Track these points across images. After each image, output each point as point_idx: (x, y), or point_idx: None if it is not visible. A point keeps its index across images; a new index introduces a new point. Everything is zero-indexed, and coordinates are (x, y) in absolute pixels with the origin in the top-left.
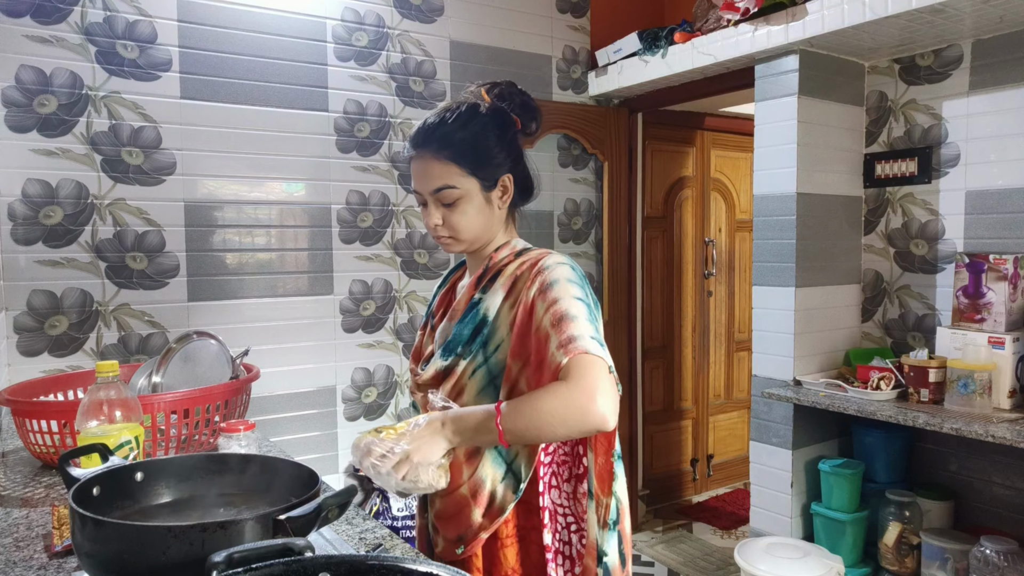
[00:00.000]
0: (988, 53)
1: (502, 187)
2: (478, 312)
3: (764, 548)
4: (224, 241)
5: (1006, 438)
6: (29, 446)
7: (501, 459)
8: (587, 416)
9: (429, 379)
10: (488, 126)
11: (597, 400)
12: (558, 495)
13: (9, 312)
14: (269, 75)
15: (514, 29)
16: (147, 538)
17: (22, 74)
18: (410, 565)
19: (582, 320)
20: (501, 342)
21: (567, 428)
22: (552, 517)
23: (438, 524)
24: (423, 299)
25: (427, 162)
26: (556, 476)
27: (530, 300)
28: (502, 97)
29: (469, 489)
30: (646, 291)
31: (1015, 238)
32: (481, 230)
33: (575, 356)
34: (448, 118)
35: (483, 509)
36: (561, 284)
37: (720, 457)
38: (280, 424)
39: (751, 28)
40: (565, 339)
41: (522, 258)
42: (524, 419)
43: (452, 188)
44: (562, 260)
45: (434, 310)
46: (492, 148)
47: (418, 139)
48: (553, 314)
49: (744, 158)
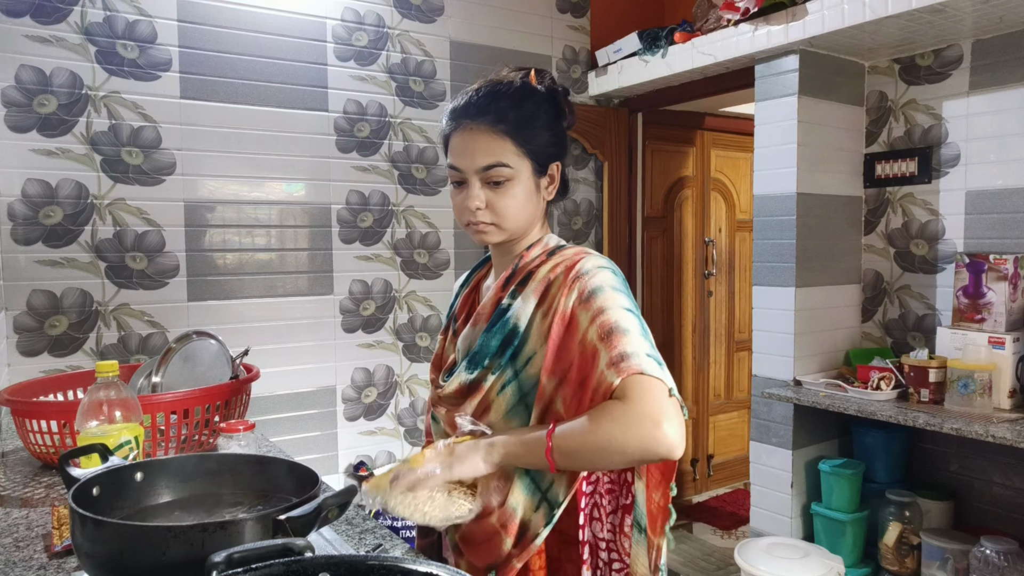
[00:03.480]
0: (988, 53)
1: (550, 176)
2: (508, 321)
3: (764, 548)
4: (224, 241)
5: (1006, 438)
6: (29, 446)
7: (535, 486)
8: (651, 444)
9: (452, 392)
10: (542, 107)
11: (663, 426)
12: (600, 528)
13: (9, 312)
14: (269, 75)
15: (514, 29)
16: (147, 538)
17: (22, 74)
18: (410, 565)
19: (635, 335)
20: (533, 355)
21: (626, 456)
22: (593, 552)
23: (464, 548)
24: (423, 299)
25: (477, 135)
26: (599, 508)
27: (568, 310)
28: (553, 84)
29: (499, 519)
30: (646, 291)
31: (1015, 238)
32: (526, 220)
33: (629, 376)
34: (503, 91)
35: (514, 539)
36: (606, 292)
37: (720, 457)
38: (280, 424)
39: (751, 28)
40: (617, 356)
41: (555, 259)
42: (577, 443)
43: (505, 166)
44: (602, 263)
45: (456, 313)
46: (546, 131)
47: (469, 110)
48: (601, 327)
49: (744, 158)
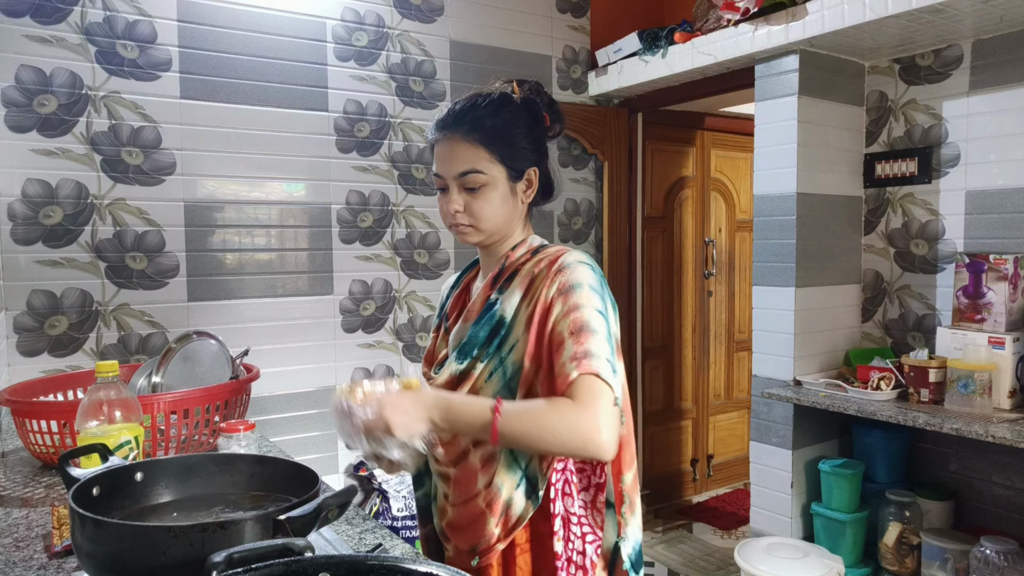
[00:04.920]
0: (988, 53)
1: (527, 180)
2: (495, 313)
3: (764, 548)
4: (224, 241)
5: (1006, 438)
6: (29, 446)
7: (516, 465)
8: (588, 445)
9: (444, 383)
10: (520, 116)
11: (603, 434)
12: (572, 503)
13: (9, 312)
14: (269, 75)
15: (514, 29)
16: (147, 538)
17: (22, 74)
18: (410, 565)
19: (600, 337)
20: (516, 342)
21: (564, 449)
22: (565, 524)
23: (449, 534)
24: (423, 299)
25: (454, 144)
26: (570, 484)
27: (548, 299)
28: (533, 93)
29: (485, 499)
30: (646, 291)
31: (1015, 238)
32: (502, 222)
33: (585, 375)
34: (480, 103)
35: (498, 518)
36: (584, 290)
37: (720, 457)
38: (280, 424)
39: (751, 28)
40: (581, 352)
41: (539, 255)
42: (524, 428)
43: (479, 173)
44: (583, 259)
45: (447, 312)
46: (522, 138)
47: (447, 121)
48: (573, 322)
49: (744, 158)
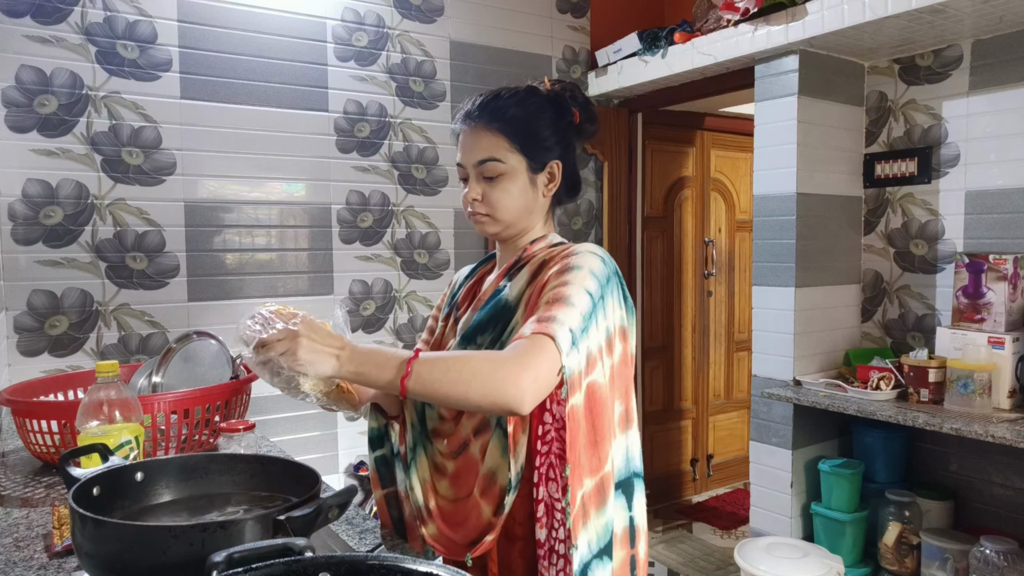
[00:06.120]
0: (988, 53)
1: (549, 173)
2: (501, 299)
3: (764, 548)
4: (224, 241)
5: (1006, 438)
6: (29, 446)
7: (504, 444)
8: (504, 387)
9: None
10: (544, 108)
11: (522, 384)
12: (555, 488)
13: (9, 312)
14: (269, 75)
15: (514, 29)
16: (147, 538)
17: (22, 74)
18: (410, 565)
19: (576, 311)
20: (516, 324)
21: (479, 395)
22: (548, 511)
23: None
24: (423, 299)
25: (476, 133)
26: (554, 468)
27: (546, 279)
28: (565, 90)
29: (480, 487)
30: (646, 291)
31: (1015, 238)
32: (520, 213)
33: (538, 335)
34: (504, 94)
35: (493, 508)
36: (582, 272)
37: (720, 457)
38: (280, 424)
39: (751, 28)
40: (546, 316)
41: (555, 249)
42: (443, 367)
43: (497, 161)
44: (595, 250)
45: (459, 302)
46: (545, 130)
47: (471, 111)
48: (555, 294)
49: (744, 158)
